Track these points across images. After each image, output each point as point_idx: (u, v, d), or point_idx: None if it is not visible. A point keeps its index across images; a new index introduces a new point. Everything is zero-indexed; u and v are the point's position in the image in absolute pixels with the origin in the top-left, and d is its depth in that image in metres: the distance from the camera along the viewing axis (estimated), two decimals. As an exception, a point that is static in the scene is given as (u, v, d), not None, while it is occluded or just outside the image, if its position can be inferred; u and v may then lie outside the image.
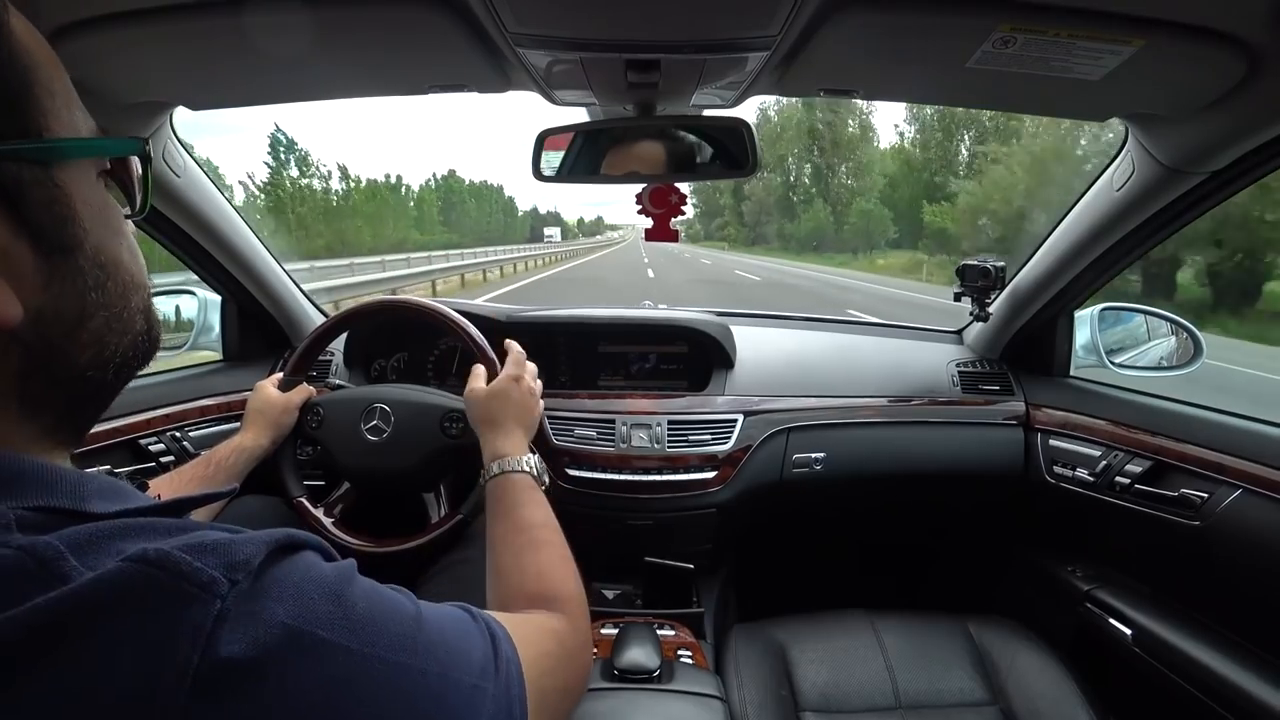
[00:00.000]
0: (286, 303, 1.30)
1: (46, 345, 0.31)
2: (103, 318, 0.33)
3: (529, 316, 1.31)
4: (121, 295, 0.34)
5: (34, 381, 0.31)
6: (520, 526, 0.62)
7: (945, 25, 0.62)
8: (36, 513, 0.28)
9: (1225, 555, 0.89)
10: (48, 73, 0.31)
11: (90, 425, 0.36)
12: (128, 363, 0.35)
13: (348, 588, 0.32)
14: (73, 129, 0.32)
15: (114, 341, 0.34)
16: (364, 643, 0.30)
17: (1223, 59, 0.62)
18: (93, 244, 0.32)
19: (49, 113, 0.31)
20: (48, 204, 0.30)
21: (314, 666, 0.28)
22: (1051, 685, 0.92)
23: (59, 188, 0.31)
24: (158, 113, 0.89)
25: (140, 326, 0.36)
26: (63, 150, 0.31)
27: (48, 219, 0.30)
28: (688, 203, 0.89)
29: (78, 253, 0.31)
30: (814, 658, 0.98)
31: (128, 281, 0.34)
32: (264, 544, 0.30)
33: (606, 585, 1.24)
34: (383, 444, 0.91)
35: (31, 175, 0.29)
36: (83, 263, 0.32)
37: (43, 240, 0.30)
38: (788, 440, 1.20)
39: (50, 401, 0.32)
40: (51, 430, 0.33)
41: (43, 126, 0.30)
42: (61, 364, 0.32)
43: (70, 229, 0.31)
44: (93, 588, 0.25)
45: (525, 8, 0.60)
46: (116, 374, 0.35)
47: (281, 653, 0.27)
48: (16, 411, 0.31)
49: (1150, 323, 1.24)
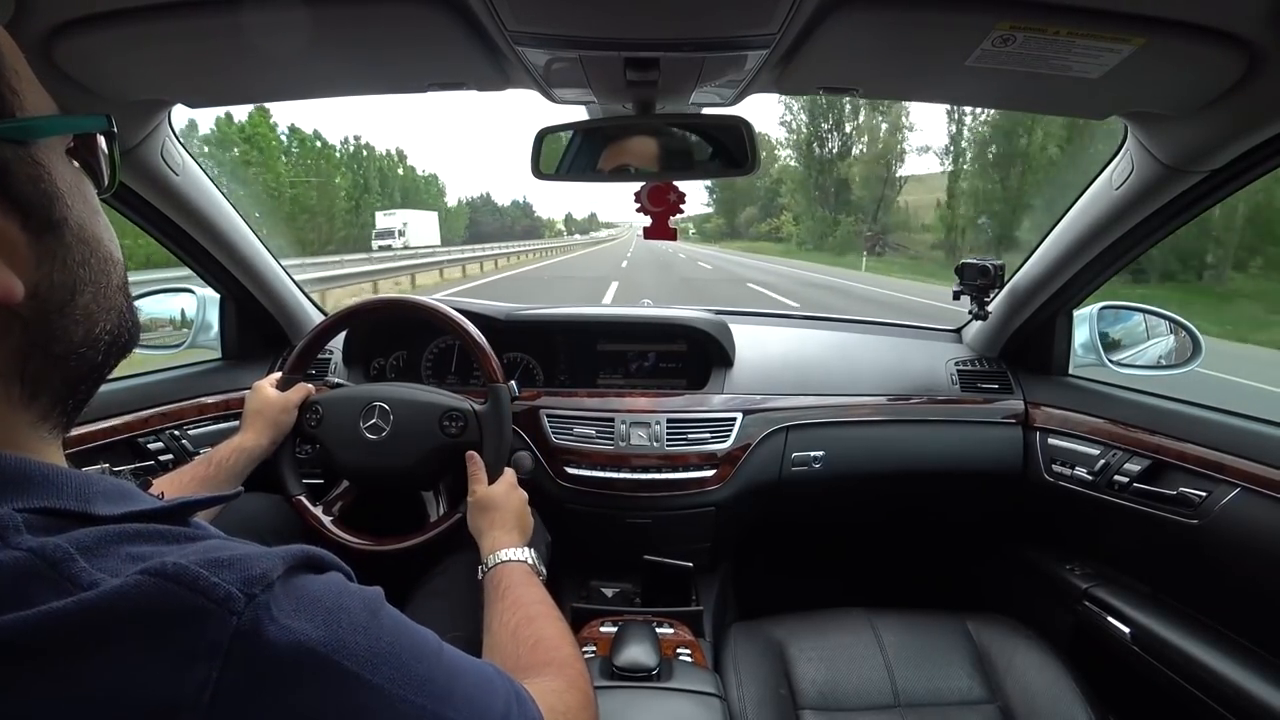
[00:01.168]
0: (285, 301, 1.30)
1: (44, 321, 0.31)
2: (90, 293, 0.33)
3: (529, 315, 1.31)
4: (103, 270, 0.34)
5: (34, 359, 0.31)
6: (516, 604, 0.64)
7: (944, 23, 0.62)
8: (43, 515, 0.28)
9: (1223, 554, 0.89)
10: (11, 57, 0.31)
11: (80, 409, 0.36)
12: (115, 341, 0.36)
13: (375, 619, 0.32)
14: (40, 110, 0.32)
15: (101, 318, 0.34)
16: (386, 679, 0.30)
17: (1222, 58, 0.62)
18: (75, 220, 0.32)
19: (19, 93, 0.31)
20: (33, 181, 0.30)
21: (333, 695, 0.28)
22: (1050, 683, 0.92)
23: (40, 165, 0.31)
24: (156, 111, 0.88)
25: (121, 303, 0.36)
26: (39, 128, 0.32)
27: (35, 196, 0.30)
28: (686, 201, 0.89)
29: (64, 229, 0.32)
30: (813, 656, 0.98)
31: (106, 257, 0.35)
32: (281, 559, 0.30)
33: (605, 583, 1.25)
34: (382, 442, 0.91)
35: (13, 154, 0.30)
36: (69, 239, 0.32)
37: (31, 218, 0.30)
38: (786, 439, 1.20)
39: (48, 381, 0.32)
40: (47, 414, 0.33)
41: (15, 106, 0.30)
42: (58, 340, 0.32)
43: (56, 205, 0.31)
44: (110, 599, 0.25)
45: (524, 6, 0.60)
46: (105, 353, 0.35)
47: (301, 674, 0.27)
48: (19, 392, 0.31)
49: (1149, 321, 1.24)
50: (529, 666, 0.55)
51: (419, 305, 1.00)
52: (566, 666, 0.54)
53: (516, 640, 0.58)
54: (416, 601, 0.83)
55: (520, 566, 0.72)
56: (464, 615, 0.74)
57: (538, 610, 0.63)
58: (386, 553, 0.89)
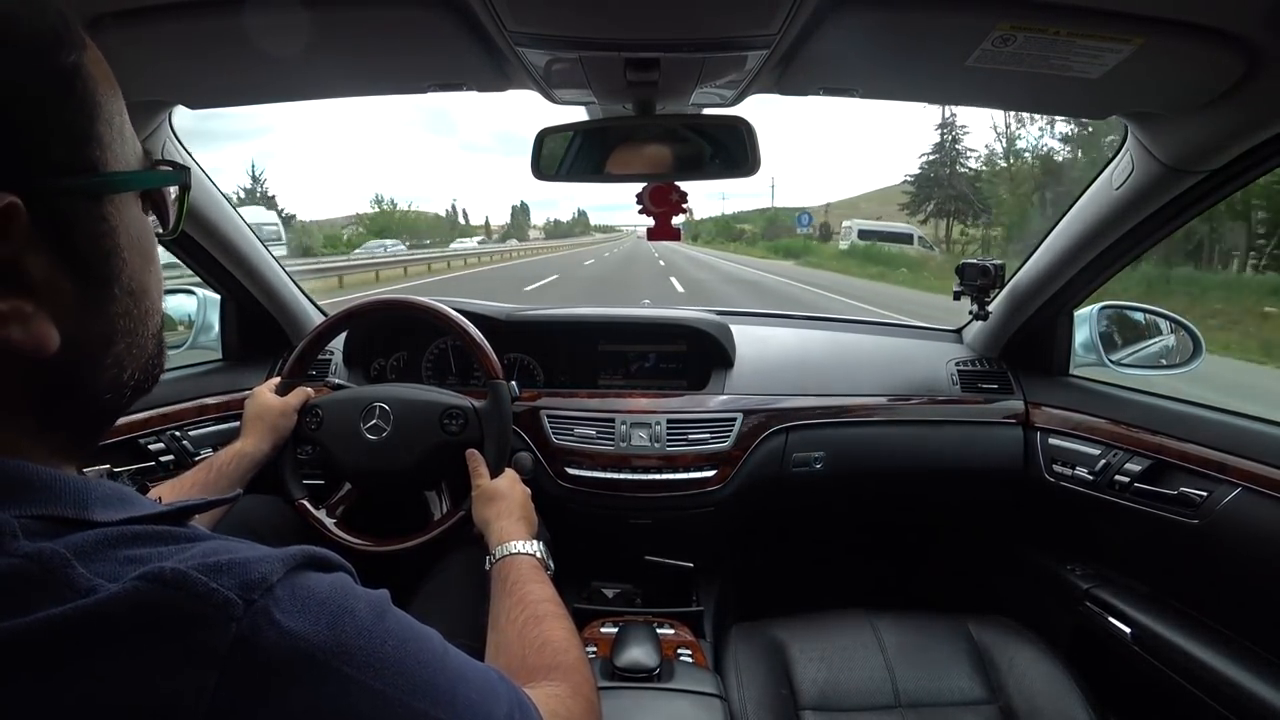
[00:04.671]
0: (286, 302, 1.30)
1: (74, 369, 0.31)
2: (125, 343, 0.33)
3: (529, 316, 1.31)
4: (143, 321, 0.34)
5: (56, 402, 0.31)
6: (524, 602, 0.63)
7: (944, 24, 0.62)
8: (40, 521, 0.28)
9: (1225, 554, 0.89)
10: (110, 104, 0.31)
11: (95, 445, 0.36)
12: (139, 385, 0.36)
13: (380, 621, 0.31)
14: (124, 159, 0.32)
15: (131, 365, 0.34)
16: (389, 684, 0.30)
17: (1222, 57, 0.62)
18: (128, 274, 0.33)
19: (106, 145, 0.31)
20: (95, 238, 0.31)
21: (334, 700, 0.28)
22: (1051, 684, 0.92)
23: (106, 221, 0.31)
24: (157, 111, 0.89)
25: (152, 350, 0.36)
26: (115, 184, 0.32)
27: (93, 252, 0.31)
28: (688, 201, 0.89)
29: (114, 283, 0.32)
30: (813, 656, 0.98)
31: (149, 308, 0.35)
32: (282, 561, 0.29)
33: (606, 584, 1.25)
34: (383, 443, 0.91)
35: (83, 209, 0.30)
36: (117, 292, 0.32)
37: (85, 272, 0.30)
38: (787, 439, 1.20)
39: (67, 421, 0.32)
40: (63, 447, 0.33)
41: (99, 160, 0.31)
42: (83, 387, 0.32)
43: (112, 261, 0.32)
44: (107, 605, 0.25)
45: (524, 7, 0.60)
46: (129, 398, 0.36)
47: (301, 680, 0.27)
48: (34, 430, 0.31)
49: (1149, 321, 1.24)
50: (534, 669, 0.54)
51: (419, 306, 1.00)
52: (572, 671, 0.54)
53: (523, 640, 0.58)
54: (420, 602, 0.83)
55: (529, 560, 0.71)
56: (468, 616, 0.73)
57: (546, 610, 0.62)
58: (390, 553, 0.89)
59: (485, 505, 0.81)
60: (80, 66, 0.30)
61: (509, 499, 0.81)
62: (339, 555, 0.34)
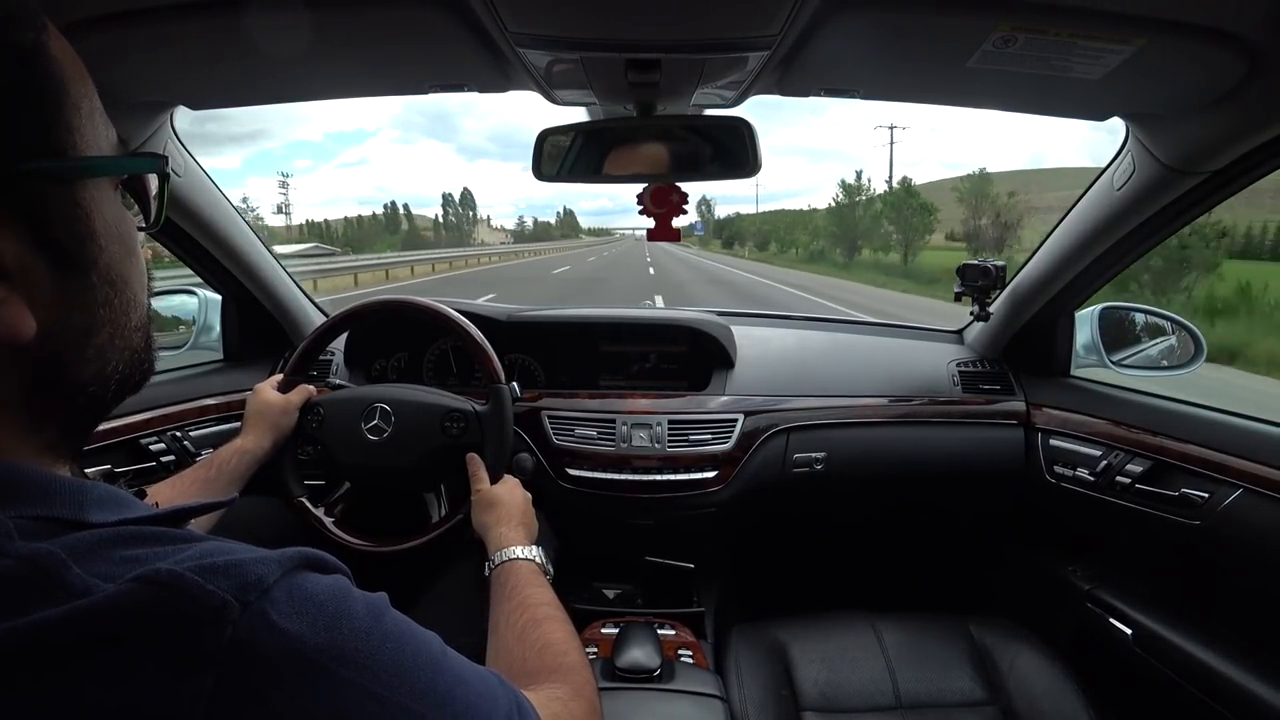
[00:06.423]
0: (287, 302, 1.30)
1: (55, 359, 0.31)
2: (107, 333, 0.33)
3: (530, 316, 1.31)
4: (124, 311, 0.34)
5: (40, 395, 0.31)
6: (524, 605, 0.63)
7: (945, 25, 0.62)
8: (36, 522, 0.28)
9: (1226, 555, 0.89)
10: (78, 89, 0.31)
11: (85, 440, 0.36)
12: (126, 379, 0.36)
13: (378, 624, 0.31)
14: (96, 145, 0.32)
15: (115, 357, 0.34)
16: (386, 686, 0.30)
17: (1223, 58, 0.62)
18: (106, 261, 0.32)
19: (76, 130, 0.31)
20: (69, 222, 0.30)
21: (330, 703, 0.28)
22: (1052, 685, 0.92)
23: (79, 206, 0.31)
24: (158, 112, 0.89)
25: (139, 343, 0.36)
26: (86, 168, 0.32)
27: (67, 237, 0.30)
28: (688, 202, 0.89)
29: (91, 270, 0.32)
30: (814, 657, 0.98)
31: (130, 299, 0.35)
32: (278, 562, 0.29)
33: (607, 585, 1.25)
34: (383, 443, 0.91)
35: (55, 193, 0.30)
36: (95, 279, 0.32)
37: (60, 257, 0.30)
38: (788, 440, 1.20)
39: (54, 415, 0.32)
40: (54, 444, 0.33)
41: (69, 144, 0.30)
42: (67, 378, 0.32)
43: (88, 247, 0.31)
44: (103, 607, 0.25)
45: (525, 7, 0.60)
46: (115, 391, 0.35)
47: (298, 683, 0.27)
48: (23, 424, 0.31)
49: (1151, 322, 1.24)
50: (535, 671, 0.54)
51: (421, 306, 1.00)
52: (573, 674, 0.54)
53: (523, 643, 0.58)
54: (420, 605, 0.83)
55: (528, 565, 0.71)
56: (468, 620, 0.73)
57: (545, 612, 0.62)
58: (388, 554, 0.89)
59: (484, 511, 0.81)
60: (42, 46, 0.30)
61: (508, 505, 0.82)
62: (336, 555, 0.34)
